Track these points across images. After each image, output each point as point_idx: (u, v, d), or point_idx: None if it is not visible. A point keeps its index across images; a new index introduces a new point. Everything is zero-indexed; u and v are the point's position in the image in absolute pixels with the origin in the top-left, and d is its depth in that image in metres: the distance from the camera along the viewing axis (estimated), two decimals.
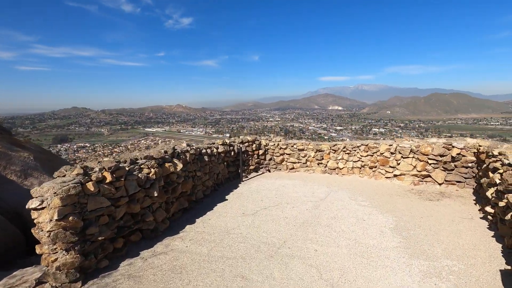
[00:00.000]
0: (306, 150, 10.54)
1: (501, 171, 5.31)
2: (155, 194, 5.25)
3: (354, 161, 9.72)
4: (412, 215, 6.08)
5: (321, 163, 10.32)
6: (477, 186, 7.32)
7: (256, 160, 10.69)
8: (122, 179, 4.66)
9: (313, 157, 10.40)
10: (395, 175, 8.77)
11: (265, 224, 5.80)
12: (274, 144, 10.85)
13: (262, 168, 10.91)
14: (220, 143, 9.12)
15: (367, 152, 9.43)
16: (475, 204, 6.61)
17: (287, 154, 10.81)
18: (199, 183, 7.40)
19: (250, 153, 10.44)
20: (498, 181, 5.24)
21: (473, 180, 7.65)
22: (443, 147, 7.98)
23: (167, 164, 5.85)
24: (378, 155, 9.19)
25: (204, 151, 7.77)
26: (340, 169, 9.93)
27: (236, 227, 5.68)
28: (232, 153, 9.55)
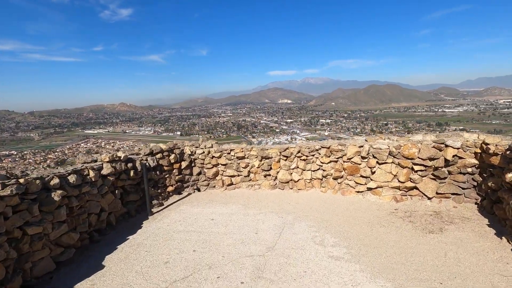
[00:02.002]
0: (248, 157, 7.55)
1: None
2: None
3: (313, 170, 7.05)
4: (422, 278, 3.47)
5: (269, 175, 7.45)
6: (485, 202, 5.14)
7: (177, 177, 7.35)
8: None
9: (258, 167, 7.47)
10: (370, 188, 6.30)
11: None
12: (204, 152, 7.64)
13: (188, 187, 7.63)
14: (107, 159, 5.57)
15: (329, 157, 6.82)
16: (497, 235, 4.33)
17: (222, 164, 7.70)
18: (38, 246, 3.85)
19: (166, 167, 7.06)
20: None
21: (474, 191, 5.49)
22: (433, 147, 5.68)
23: None
24: (344, 161, 6.63)
25: (55, 181, 4.21)
26: (295, 181, 7.18)
27: None
28: (132, 172, 6.08)
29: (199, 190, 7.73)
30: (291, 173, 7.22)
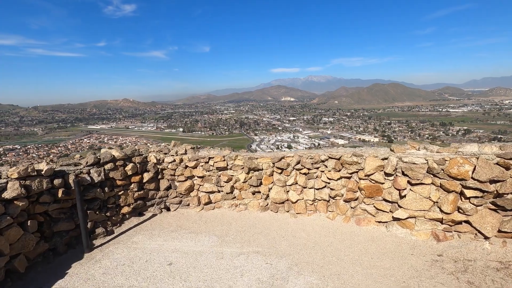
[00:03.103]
0: (231, 168, 5.74)
1: None
2: None
3: (318, 188, 5.23)
4: None
5: (259, 192, 5.64)
6: None
7: (137, 194, 5.56)
8: None
9: (244, 182, 5.66)
10: (397, 219, 4.48)
11: None
12: (175, 161, 5.84)
13: (153, 205, 5.84)
14: (15, 175, 3.79)
15: (339, 171, 5.00)
16: None
17: (198, 177, 5.90)
18: None
19: (119, 182, 5.26)
20: None
21: None
22: (497, 163, 3.85)
23: None
24: (361, 178, 4.81)
25: None
26: (293, 202, 5.37)
27: None
28: (61, 191, 4.29)
29: (168, 209, 5.94)
30: (288, 191, 5.40)
